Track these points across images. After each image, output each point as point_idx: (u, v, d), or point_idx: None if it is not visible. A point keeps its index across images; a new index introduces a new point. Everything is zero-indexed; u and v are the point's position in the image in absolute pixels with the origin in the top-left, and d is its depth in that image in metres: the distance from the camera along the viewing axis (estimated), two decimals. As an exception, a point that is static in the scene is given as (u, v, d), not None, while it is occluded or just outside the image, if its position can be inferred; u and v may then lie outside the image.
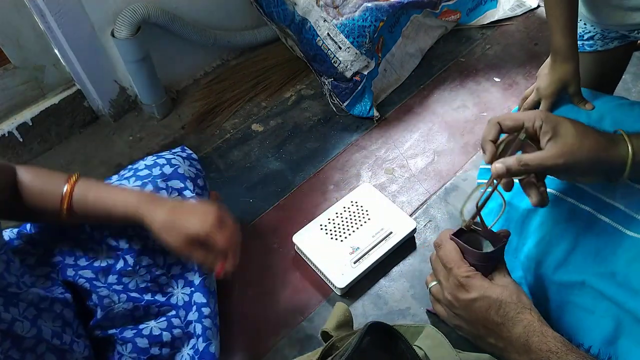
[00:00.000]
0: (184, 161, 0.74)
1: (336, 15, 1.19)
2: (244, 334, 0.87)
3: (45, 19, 1.04)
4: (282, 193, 1.09)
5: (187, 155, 0.77)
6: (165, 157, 0.74)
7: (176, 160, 0.73)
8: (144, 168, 0.72)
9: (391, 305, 0.89)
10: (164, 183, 0.69)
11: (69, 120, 1.22)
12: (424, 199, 1.06)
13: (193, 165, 0.76)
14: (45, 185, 0.62)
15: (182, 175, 0.71)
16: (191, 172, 0.74)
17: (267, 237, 1.01)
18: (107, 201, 0.62)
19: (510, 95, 1.28)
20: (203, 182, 0.76)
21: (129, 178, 0.71)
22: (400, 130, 1.22)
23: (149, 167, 0.72)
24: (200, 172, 0.76)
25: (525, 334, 0.54)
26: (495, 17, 1.50)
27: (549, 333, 0.53)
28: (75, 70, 1.16)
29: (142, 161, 0.74)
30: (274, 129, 1.24)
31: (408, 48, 1.34)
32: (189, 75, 1.37)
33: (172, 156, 0.74)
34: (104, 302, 0.64)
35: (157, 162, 0.72)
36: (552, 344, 0.52)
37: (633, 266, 0.59)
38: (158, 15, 1.12)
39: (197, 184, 0.73)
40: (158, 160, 0.73)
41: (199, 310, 0.71)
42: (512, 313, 0.55)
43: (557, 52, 0.75)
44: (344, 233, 0.94)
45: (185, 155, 0.76)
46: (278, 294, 0.92)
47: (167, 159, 0.73)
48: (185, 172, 0.72)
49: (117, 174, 0.75)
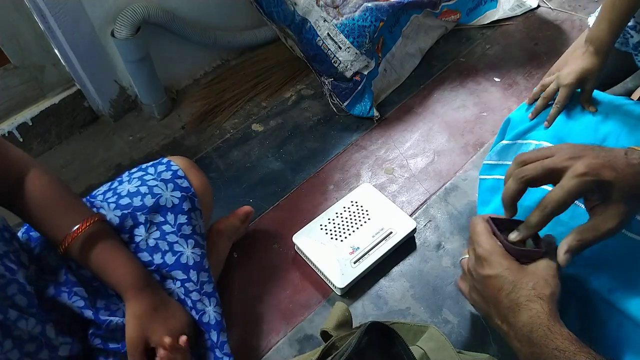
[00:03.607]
0: (167, 186, 0.71)
1: (336, 15, 1.19)
2: (244, 334, 0.87)
3: (45, 19, 1.04)
4: (282, 193, 1.09)
5: (172, 175, 0.73)
6: (148, 183, 0.71)
7: (159, 188, 0.70)
8: (126, 195, 0.70)
9: (391, 305, 0.89)
10: (143, 217, 0.69)
11: (69, 120, 1.22)
12: (424, 199, 1.06)
13: (178, 187, 0.72)
14: (57, 208, 0.62)
15: (164, 208, 0.70)
16: (175, 198, 0.71)
17: (267, 237, 1.01)
18: (106, 267, 0.63)
19: (510, 95, 1.28)
20: (190, 203, 0.72)
21: (110, 204, 0.69)
22: (400, 130, 1.22)
23: (131, 196, 0.69)
24: (186, 192, 0.73)
25: (529, 324, 0.50)
26: (495, 17, 1.50)
27: (556, 329, 0.48)
28: (75, 70, 1.16)
29: (126, 184, 0.72)
30: (274, 129, 1.24)
31: (408, 48, 1.34)
32: (189, 75, 1.37)
33: (156, 182, 0.71)
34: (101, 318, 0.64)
35: (139, 190, 0.70)
36: (559, 342, 0.48)
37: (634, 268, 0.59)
38: (158, 15, 1.12)
39: (181, 211, 0.71)
40: (141, 189, 0.70)
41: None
42: (522, 299, 0.51)
43: (594, 42, 0.73)
44: (344, 233, 0.94)
45: (169, 177, 0.72)
46: (278, 294, 0.92)
47: (149, 187, 0.70)
48: (167, 203, 0.70)
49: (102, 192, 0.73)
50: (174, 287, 0.70)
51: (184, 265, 0.70)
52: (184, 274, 0.70)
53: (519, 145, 0.81)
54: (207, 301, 0.71)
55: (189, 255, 0.70)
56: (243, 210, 0.96)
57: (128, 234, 0.69)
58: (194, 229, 0.72)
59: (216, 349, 0.70)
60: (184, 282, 0.70)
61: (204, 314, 0.70)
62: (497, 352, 0.82)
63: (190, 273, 0.70)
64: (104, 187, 0.74)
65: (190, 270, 0.70)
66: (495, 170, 0.86)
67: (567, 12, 1.53)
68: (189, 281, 0.70)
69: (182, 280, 0.70)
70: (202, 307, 0.70)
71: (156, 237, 0.69)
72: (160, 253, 0.69)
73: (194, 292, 0.70)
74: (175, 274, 0.70)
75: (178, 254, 0.70)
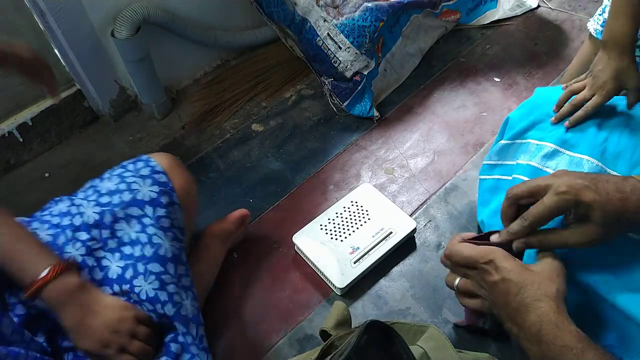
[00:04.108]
0: (145, 181, 0.73)
1: (336, 15, 1.19)
2: (244, 333, 0.87)
3: (45, 19, 1.04)
4: (282, 193, 1.09)
5: (150, 171, 0.74)
6: (126, 180, 0.72)
7: (136, 184, 0.72)
8: (105, 193, 0.71)
9: (391, 305, 0.89)
10: (123, 212, 0.70)
11: (69, 120, 1.22)
12: (424, 199, 1.06)
13: (156, 182, 0.73)
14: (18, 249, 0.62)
15: (141, 202, 0.71)
16: (153, 192, 0.72)
17: (267, 237, 1.01)
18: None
19: (510, 95, 1.28)
20: (168, 197, 0.73)
21: (90, 201, 0.70)
22: (400, 130, 1.22)
23: (111, 193, 0.71)
24: (164, 186, 0.73)
25: (538, 323, 0.50)
26: (495, 17, 1.50)
27: (564, 326, 0.49)
28: (75, 70, 1.16)
29: (107, 181, 0.73)
30: (274, 129, 1.24)
31: (408, 48, 1.34)
32: (189, 75, 1.37)
33: (134, 178, 0.73)
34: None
35: (118, 187, 0.71)
36: (567, 339, 0.48)
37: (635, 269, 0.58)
38: (158, 15, 1.12)
39: (159, 204, 0.71)
40: (120, 186, 0.71)
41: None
42: (529, 300, 0.51)
43: (617, 44, 0.71)
44: (344, 233, 0.94)
45: (147, 173, 0.74)
46: (278, 294, 0.92)
47: (127, 183, 0.72)
48: (144, 197, 0.71)
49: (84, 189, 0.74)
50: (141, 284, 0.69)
51: (162, 257, 0.70)
52: (162, 266, 0.69)
53: (518, 144, 0.81)
54: (184, 294, 0.71)
55: (167, 248, 0.70)
56: (237, 214, 0.94)
57: (109, 229, 0.69)
58: (173, 223, 0.72)
59: (192, 346, 0.70)
60: (161, 275, 0.69)
61: (181, 307, 0.70)
62: (497, 351, 0.81)
63: (167, 265, 0.70)
64: (87, 184, 0.75)
65: (168, 263, 0.70)
66: (494, 171, 0.86)
67: (567, 12, 1.53)
68: (166, 273, 0.70)
69: (157, 273, 0.69)
70: (179, 299, 0.70)
71: (137, 230, 0.70)
72: (140, 245, 0.69)
73: (171, 284, 0.70)
74: (152, 267, 0.69)
75: (156, 246, 0.70)
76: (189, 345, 0.70)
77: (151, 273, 0.69)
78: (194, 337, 0.71)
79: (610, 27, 0.72)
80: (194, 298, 0.72)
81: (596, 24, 0.96)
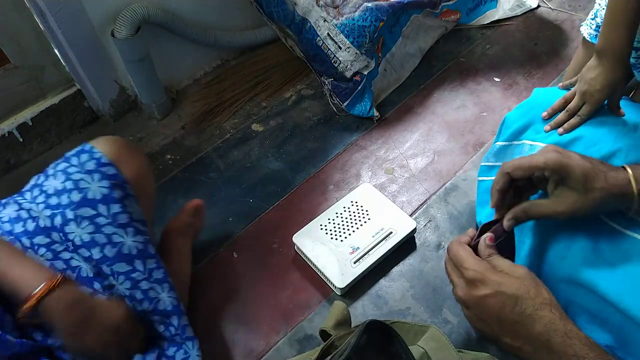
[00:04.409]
0: (93, 177, 0.67)
1: (336, 15, 1.19)
2: (244, 333, 0.87)
3: (45, 19, 1.04)
4: (282, 193, 1.09)
5: (96, 164, 0.68)
6: (72, 177, 0.67)
7: (84, 182, 0.66)
8: (53, 194, 0.66)
9: (391, 305, 0.89)
10: (72, 213, 0.65)
11: (69, 120, 1.22)
12: (424, 199, 1.06)
13: (105, 176, 0.68)
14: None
15: (93, 201, 0.66)
16: (103, 188, 0.67)
17: (267, 237, 1.01)
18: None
19: (510, 95, 1.28)
20: (122, 190, 0.68)
21: (39, 204, 0.66)
22: (400, 130, 1.22)
23: (58, 194, 0.66)
24: (115, 179, 0.68)
25: (546, 332, 0.49)
26: (495, 17, 1.50)
27: (573, 334, 0.48)
28: (75, 70, 1.16)
29: (52, 178, 0.68)
30: (274, 129, 1.24)
31: (408, 48, 1.34)
32: (189, 75, 1.37)
33: (80, 175, 0.67)
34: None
35: (65, 186, 0.66)
36: (577, 347, 0.47)
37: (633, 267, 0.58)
38: (158, 15, 1.12)
39: (112, 200, 0.67)
40: (67, 184, 0.66)
41: None
42: (530, 310, 0.50)
43: (613, 54, 0.71)
44: (344, 233, 0.94)
45: (93, 167, 0.68)
46: (278, 294, 0.92)
47: (74, 181, 0.66)
48: (95, 195, 0.66)
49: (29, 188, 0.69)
50: (115, 283, 0.67)
51: (127, 255, 0.67)
52: (128, 265, 0.67)
53: (514, 146, 0.81)
54: (159, 288, 0.69)
55: (130, 245, 0.67)
56: (191, 205, 0.93)
57: (60, 232, 0.65)
58: (131, 216, 0.68)
59: (176, 336, 0.69)
60: (130, 274, 0.67)
61: (158, 301, 0.69)
62: (497, 351, 0.81)
63: (135, 263, 0.68)
64: (31, 182, 0.70)
65: (135, 260, 0.68)
66: (492, 172, 0.86)
67: (567, 12, 1.53)
68: (135, 271, 0.68)
69: (126, 273, 0.67)
70: (154, 294, 0.69)
71: (90, 231, 0.66)
72: (98, 247, 0.66)
73: (143, 281, 0.68)
74: (118, 268, 0.67)
75: (119, 245, 0.67)
76: (173, 336, 0.70)
77: (119, 274, 0.67)
78: (176, 327, 0.70)
79: (606, 36, 0.71)
80: (170, 289, 0.70)
81: (589, 28, 0.96)
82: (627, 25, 0.69)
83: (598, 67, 0.73)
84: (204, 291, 0.92)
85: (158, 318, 0.70)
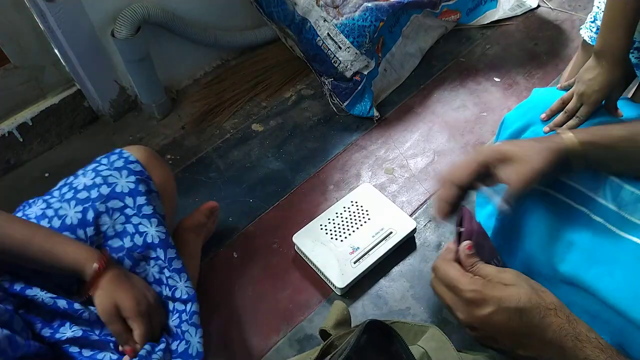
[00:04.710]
0: (121, 173, 0.72)
1: (336, 15, 1.19)
2: (244, 333, 0.87)
3: (45, 19, 1.04)
4: (282, 193, 1.09)
5: (124, 162, 0.74)
6: (102, 174, 0.72)
7: (113, 178, 0.72)
8: (83, 189, 0.71)
9: (391, 305, 0.89)
10: (103, 205, 0.69)
11: (69, 120, 1.22)
12: (424, 199, 1.06)
13: (132, 172, 0.73)
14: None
15: (121, 194, 0.71)
16: (130, 183, 0.72)
17: (267, 237, 1.01)
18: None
19: (510, 95, 1.28)
20: (146, 185, 0.73)
21: (70, 201, 0.70)
22: (400, 130, 1.22)
23: (88, 189, 0.71)
24: (141, 175, 0.73)
25: (557, 339, 0.48)
26: (495, 17, 1.50)
27: (583, 336, 0.47)
28: (75, 70, 1.16)
29: (81, 177, 0.73)
30: (274, 129, 1.24)
31: (408, 48, 1.34)
32: (189, 75, 1.37)
33: (110, 172, 0.72)
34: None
35: (95, 182, 0.71)
36: (588, 351, 0.46)
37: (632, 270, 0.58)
38: (158, 15, 1.12)
39: (138, 193, 0.72)
40: (96, 180, 0.71)
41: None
42: (536, 319, 0.49)
43: (612, 55, 0.71)
44: (344, 233, 0.94)
45: (122, 165, 0.74)
46: (278, 294, 0.92)
47: (104, 177, 0.72)
48: (123, 189, 0.71)
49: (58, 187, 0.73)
50: (148, 267, 0.72)
51: (151, 244, 0.71)
52: (153, 252, 0.71)
53: None
54: (178, 277, 0.72)
55: (153, 234, 0.71)
56: (207, 206, 0.95)
57: (93, 225, 0.69)
58: (155, 209, 0.73)
59: (183, 322, 0.71)
60: (156, 260, 0.71)
61: (176, 289, 0.72)
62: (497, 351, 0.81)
63: (157, 251, 0.71)
64: (60, 183, 0.74)
65: (157, 249, 0.71)
66: None
67: (567, 12, 1.53)
68: (157, 259, 0.71)
69: (154, 259, 0.71)
70: (173, 283, 0.72)
71: (122, 221, 0.70)
72: (128, 236, 0.70)
73: (164, 269, 0.72)
74: (147, 254, 0.71)
75: (144, 234, 0.71)
76: (181, 323, 0.71)
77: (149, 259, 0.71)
78: (187, 313, 0.72)
79: (605, 37, 0.71)
80: (187, 279, 0.73)
81: (590, 32, 0.96)
82: (625, 27, 0.69)
83: (596, 68, 0.73)
84: (204, 291, 0.92)
85: (173, 305, 0.73)
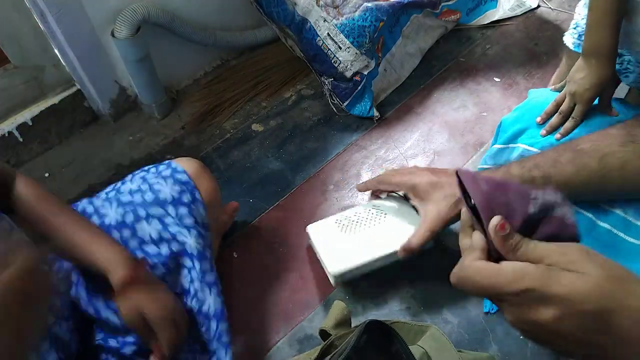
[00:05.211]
0: (167, 181, 0.74)
1: (336, 15, 1.19)
2: (244, 333, 0.87)
3: (45, 19, 1.04)
4: (282, 193, 1.09)
5: (171, 172, 0.76)
6: (149, 181, 0.74)
7: (159, 185, 0.73)
8: (127, 193, 0.73)
9: (391, 305, 0.89)
10: (144, 211, 0.71)
11: (69, 120, 1.22)
12: (424, 199, 1.06)
13: (177, 181, 0.75)
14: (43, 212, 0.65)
15: (164, 201, 0.72)
16: (174, 191, 0.73)
17: (267, 237, 1.01)
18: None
19: (510, 95, 1.28)
20: (190, 195, 0.74)
21: (112, 201, 0.72)
22: (400, 130, 1.22)
23: (132, 193, 0.72)
24: (186, 185, 0.75)
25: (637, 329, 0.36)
26: (495, 17, 1.50)
27: None
28: (75, 70, 1.16)
29: (128, 182, 0.75)
30: (274, 129, 1.24)
31: (408, 48, 1.34)
32: (189, 75, 1.37)
33: (156, 179, 0.74)
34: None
35: (141, 187, 0.73)
36: None
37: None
38: (158, 15, 1.13)
39: (181, 203, 0.73)
40: (142, 186, 0.73)
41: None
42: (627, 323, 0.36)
43: (600, 54, 0.71)
44: (355, 229, 0.90)
45: (169, 174, 0.75)
46: (278, 294, 0.92)
47: (150, 184, 0.73)
48: (166, 197, 0.72)
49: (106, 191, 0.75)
50: (179, 277, 0.72)
51: (187, 254, 0.71)
52: (189, 262, 0.72)
53: (511, 149, 0.81)
54: (208, 291, 0.72)
55: (191, 245, 0.71)
56: (232, 206, 1.00)
57: (131, 229, 0.70)
58: (196, 220, 0.73)
59: (214, 340, 0.71)
60: (190, 271, 0.72)
61: (204, 303, 0.72)
62: (497, 351, 0.81)
63: (193, 262, 0.72)
64: (110, 187, 0.76)
65: (194, 260, 0.71)
66: None
67: (567, 12, 1.53)
68: (193, 269, 0.72)
69: (187, 269, 0.72)
70: (202, 296, 0.71)
71: (158, 228, 0.71)
72: (166, 244, 0.71)
73: (196, 280, 0.72)
74: (182, 262, 0.72)
75: (182, 244, 0.71)
76: (211, 340, 0.71)
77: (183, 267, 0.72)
78: (214, 331, 0.71)
79: (592, 38, 0.72)
80: (217, 294, 0.73)
81: (573, 38, 0.96)
82: (611, 25, 0.70)
83: (586, 68, 0.73)
84: (204, 291, 0.92)
85: (200, 319, 0.72)
